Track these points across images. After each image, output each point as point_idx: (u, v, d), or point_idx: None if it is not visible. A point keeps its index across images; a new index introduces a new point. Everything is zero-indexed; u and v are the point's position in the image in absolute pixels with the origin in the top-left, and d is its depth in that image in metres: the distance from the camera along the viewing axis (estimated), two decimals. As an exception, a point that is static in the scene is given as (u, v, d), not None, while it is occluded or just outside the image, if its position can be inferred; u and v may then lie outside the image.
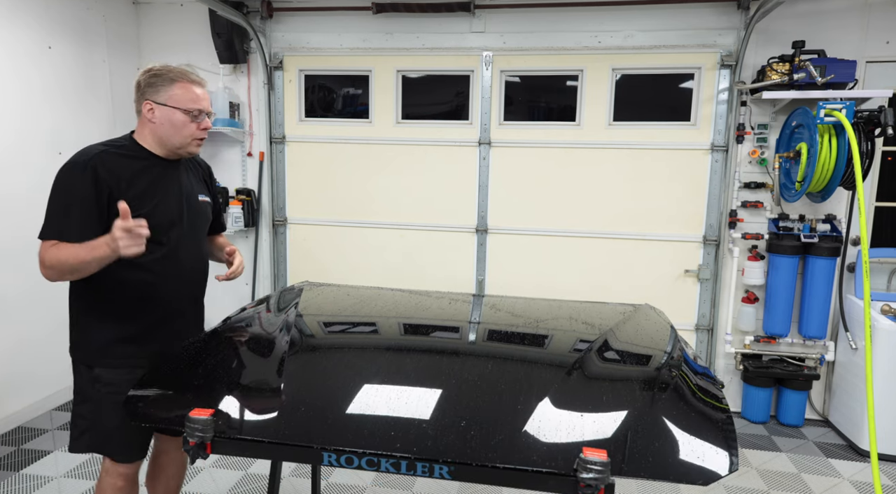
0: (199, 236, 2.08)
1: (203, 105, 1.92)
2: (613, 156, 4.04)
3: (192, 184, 2.05)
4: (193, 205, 2.02)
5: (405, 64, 4.21)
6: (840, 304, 3.83)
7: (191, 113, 1.89)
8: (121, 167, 1.82)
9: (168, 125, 1.88)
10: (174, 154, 1.95)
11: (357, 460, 1.33)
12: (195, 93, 1.90)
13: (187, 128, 1.90)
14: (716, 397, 1.56)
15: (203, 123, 1.93)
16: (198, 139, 1.94)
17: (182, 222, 1.96)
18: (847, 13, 3.69)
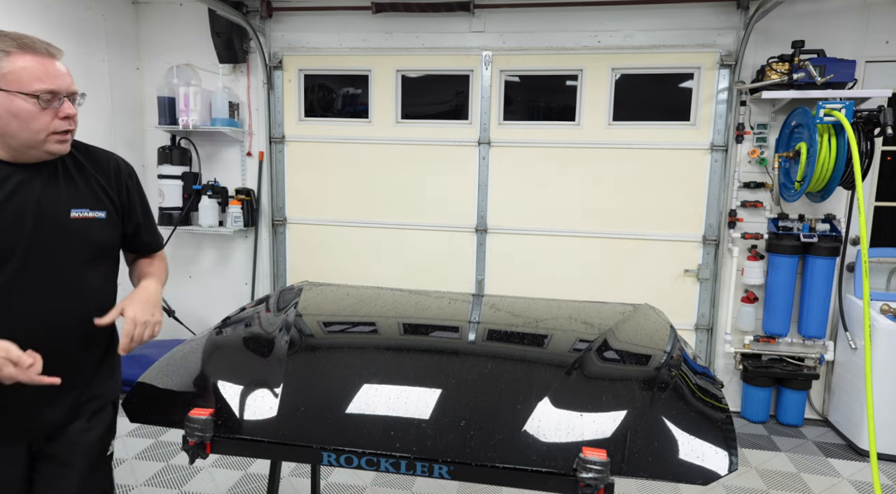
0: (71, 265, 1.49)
1: (57, 84, 1.40)
2: (613, 156, 4.04)
3: (60, 194, 1.48)
4: (56, 225, 1.45)
5: (405, 64, 4.21)
6: (839, 304, 3.83)
7: (39, 97, 1.37)
8: None
9: (7, 117, 1.35)
10: (27, 156, 1.42)
11: (357, 460, 1.33)
12: (43, 67, 1.39)
13: (38, 119, 1.38)
14: (715, 397, 1.56)
15: (64, 109, 1.41)
16: (58, 133, 1.41)
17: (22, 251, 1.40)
18: (847, 13, 3.69)
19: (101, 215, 1.54)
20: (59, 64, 1.46)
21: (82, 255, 1.52)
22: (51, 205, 1.45)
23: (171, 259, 4.53)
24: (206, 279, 4.60)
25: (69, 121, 1.44)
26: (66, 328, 1.51)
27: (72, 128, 1.45)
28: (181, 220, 4.29)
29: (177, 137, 4.36)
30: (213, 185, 4.31)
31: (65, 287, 1.49)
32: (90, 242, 1.53)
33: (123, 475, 3.05)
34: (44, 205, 1.44)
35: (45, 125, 1.39)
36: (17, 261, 1.40)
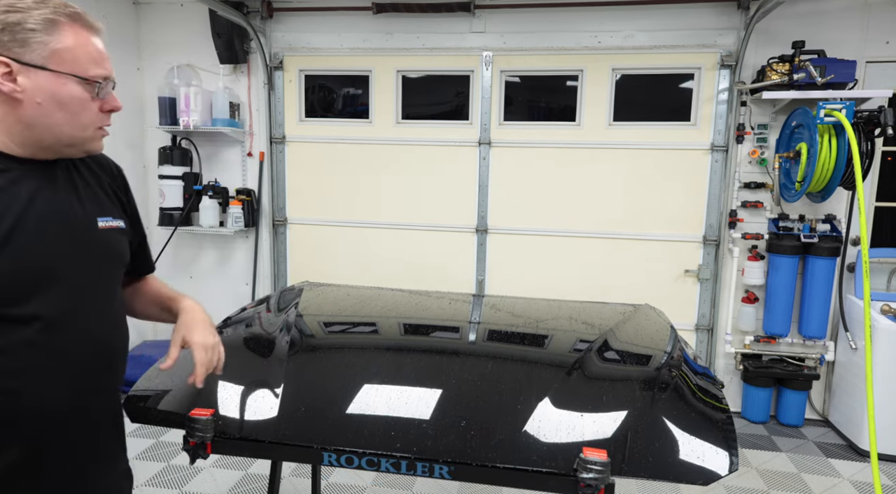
0: (105, 291, 1.22)
1: (110, 69, 1.14)
2: (613, 157, 4.04)
3: (82, 199, 1.20)
4: (88, 238, 1.18)
5: (405, 64, 4.21)
6: (840, 304, 3.83)
7: (93, 83, 1.10)
8: None
9: (51, 105, 1.06)
10: (52, 153, 1.14)
11: (357, 460, 1.34)
12: (98, 47, 1.11)
13: (88, 111, 1.12)
14: (716, 397, 1.56)
15: (111, 100, 1.17)
16: (101, 128, 1.19)
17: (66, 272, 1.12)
18: (847, 13, 3.69)
19: (122, 224, 1.28)
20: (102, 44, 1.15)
21: (113, 274, 1.25)
22: (78, 213, 1.17)
23: (171, 259, 4.55)
24: (206, 279, 4.60)
25: (109, 116, 1.19)
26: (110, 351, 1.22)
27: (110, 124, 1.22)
28: (182, 221, 4.30)
29: (177, 137, 4.37)
30: (213, 186, 4.32)
31: (106, 310, 1.22)
32: (117, 257, 1.27)
33: (124, 475, 3.05)
34: (71, 212, 1.16)
35: (94, 118, 1.14)
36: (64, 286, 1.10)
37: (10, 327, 1.04)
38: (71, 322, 1.11)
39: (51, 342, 1.08)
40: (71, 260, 1.13)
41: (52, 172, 1.15)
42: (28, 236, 1.06)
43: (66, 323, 1.10)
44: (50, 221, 1.11)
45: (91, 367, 1.16)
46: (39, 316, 1.06)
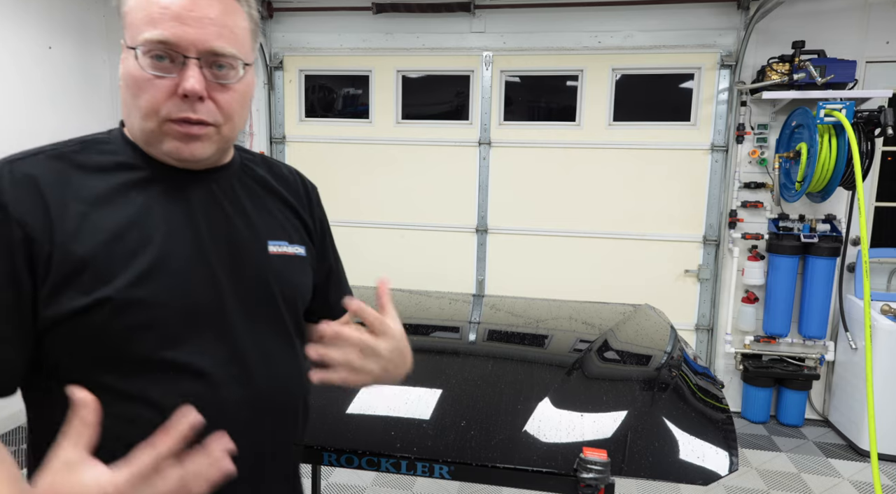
0: (275, 336, 0.94)
1: (181, 32, 0.77)
2: (613, 157, 4.04)
3: (250, 218, 0.93)
4: (254, 266, 0.92)
5: (405, 64, 4.21)
6: (840, 304, 3.83)
7: (148, 52, 0.77)
8: (66, 187, 0.79)
9: (123, 88, 0.82)
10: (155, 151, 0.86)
11: (357, 460, 1.34)
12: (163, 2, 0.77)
13: (145, 92, 0.79)
14: (716, 397, 1.56)
15: (184, 78, 0.78)
16: (174, 121, 0.80)
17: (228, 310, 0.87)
18: (847, 13, 3.68)
19: (301, 251, 1.00)
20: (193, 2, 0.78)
21: (286, 312, 0.96)
22: (244, 234, 0.91)
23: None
24: (206, 279, 4.59)
25: (193, 104, 0.79)
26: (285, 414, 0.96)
27: (203, 119, 0.80)
28: (182, 221, 4.29)
29: (177, 138, 4.36)
30: (213, 186, 4.31)
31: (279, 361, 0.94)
32: (292, 291, 0.97)
33: (124, 475, 3.05)
34: (235, 232, 0.90)
35: (155, 105, 0.79)
36: (219, 328, 0.85)
37: (163, 376, 0.80)
38: (231, 371, 0.86)
39: (207, 395, 0.83)
40: (231, 294, 0.87)
41: (208, 183, 0.89)
42: (180, 262, 0.83)
43: (226, 373, 0.85)
44: (207, 243, 0.86)
45: (257, 426, 0.89)
46: (192, 363, 0.82)
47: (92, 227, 0.78)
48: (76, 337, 0.77)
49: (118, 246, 0.78)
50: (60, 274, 0.75)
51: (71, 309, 0.75)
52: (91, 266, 0.76)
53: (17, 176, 0.77)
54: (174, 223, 0.84)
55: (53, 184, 0.78)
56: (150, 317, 0.79)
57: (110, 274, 0.77)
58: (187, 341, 0.82)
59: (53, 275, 0.75)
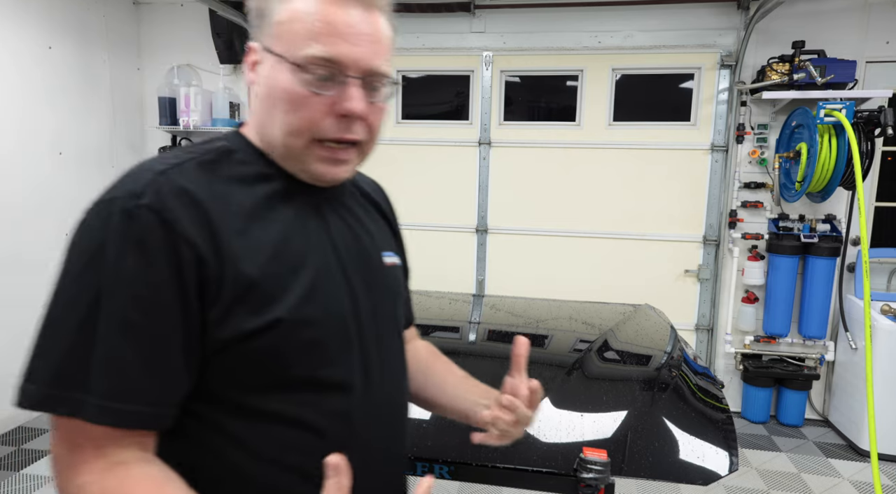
0: (396, 350, 0.95)
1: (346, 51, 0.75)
2: (613, 157, 4.04)
3: (369, 229, 0.94)
4: (377, 279, 0.91)
5: (405, 64, 4.21)
6: (840, 304, 3.83)
7: (306, 69, 0.74)
8: (222, 200, 0.75)
9: (266, 99, 0.78)
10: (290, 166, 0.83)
11: (357, 460, 1.33)
12: (330, 15, 0.74)
13: (302, 109, 0.76)
14: (716, 397, 1.56)
15: (345, 98, 0.76)
16: (328, 141, 0.78)
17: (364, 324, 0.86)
18: (847, 13, 3.68)
19: (399, 262, 1.01)
20: (368, 16, 0.76)
21: (399, 324, 0.97)
22: (369, 247, 0.91)
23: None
24: (206, 279, 4.59)
25: (350, 124, 0.78)
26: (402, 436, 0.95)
27: (356, 139, 0.79)
28: (182, 221, 4.29)
29: (178, 138, 4.37)
30: (213, 186, 4.31)
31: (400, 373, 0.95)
32: (401, 302, 1.00)
33: (124, 475, 3.05)
34: (362, 246, 0.90)
35: (308, 123, 0.76)
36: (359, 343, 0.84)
37: (315, 396, 0.78)
38: (371, 386, 0.85)
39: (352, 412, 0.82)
40: (364, 308, 0.86)
41: (330, 191, 0.87)
42: (331, 277, 0.82)
43: (366, 389, 0.84)
44: (344, 257, 0.85)
45: (379, 438, 0.87)
46: (342, 381, 0.81)
47: (253, 244, 0.74)
48: (240, 360, 0.73)
49: (280, 263, 0.75)
50: (230, 295, 0.71)
51: (242, 331, 0.71)
52: (259, 285, 0.73)
53: (175, 190, 0.71)
54: (315, 237, 0.82)
55: (209, 198, 0.73)
56: (314, 336, 0.77)
57: (278, 293, 0.74)
58: (338, 359, 0.80)
59: (224, 297, 0.71)
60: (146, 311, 0.67)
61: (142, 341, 0.67)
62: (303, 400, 0.77)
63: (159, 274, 0.67)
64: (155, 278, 0.67)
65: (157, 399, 0.69)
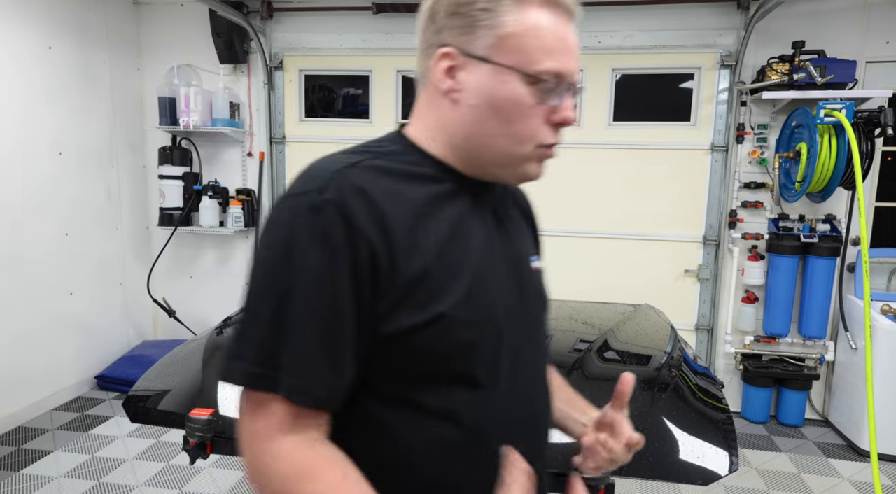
0: (542, 355, 0.97)
1: (571, 64, 0.81)
2: (613, 157, 4.04)
3: (519, 231, 0.98)
4: (529, 284, 0.94)
5: (405, 64, 4.21)
6: (840, 304, 3.83)
7: (542, 82, 0.79)
8: (394, 198, 0.77)
9: (484, 109, 0.80)
10: (486, 173, 0.87)
11: (357, 460, 1.33)
12: (561, 32, 0.80)
13: (528, 119, 0.81)
14: (716, 397, 1.56)
15: (563, 109, 0.82)
16: (545, 147, 0.85)
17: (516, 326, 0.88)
18: (847, 13, 3.68)
19: (542, 266, 1.01)
20: (574, 29, 0.82)
21: (545, 329, 1.00)
22: (520, 250, 0.94)
23: (171, 259, 4.55)
24: (206, 279, 4.60)
25: (560, 131, 0.85)
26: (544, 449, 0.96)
27: (559, 142, 0.86)
28: (182, 221, 4.30)
29: (177, 138, 4.37)
30: (213, 186, 4.32)
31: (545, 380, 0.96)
32: (546, 308, 1.01)
33: (123, 475, 3.05)
34: (514, 249, 0.92)
35: (534, 130, 0.81)
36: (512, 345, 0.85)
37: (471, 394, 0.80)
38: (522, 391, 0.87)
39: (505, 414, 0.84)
40: (517, 310, 0.88)
41: (492, 193, 0.91)
42: (490, 277, 0.84)
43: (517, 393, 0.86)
44: (500, 260, 0.87)
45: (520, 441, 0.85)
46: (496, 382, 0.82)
47: (421, 242, 0.76)
48: (400, 354, 0.76)
49: (445, 261, 0.78)
50: (399, 290, 0.74)
51: (406, 326, 0.75)
52: (426, 281, 0.75)
53: (353, 188, 0.74)
54: (477, 238, 0.84)
55: (382, 197, 0.75)
56: (473, 334, 0.79)
57: (443, 290, 0.77)
58: (490, 359, 0.82)
59: (394, 292, 0.74)
60: (329, 302, 0.72)
61: (324, 330, 0.72)
62: (452, 396, 0.79)
63: (340, 267, 0.71)
64: (337, 271, 0.71)
65: (334, 384, 0.74)
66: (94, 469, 3.10)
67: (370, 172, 0.78)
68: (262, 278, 0.75)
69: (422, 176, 0.82)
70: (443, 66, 0.80)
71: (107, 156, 4.13)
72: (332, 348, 0.73)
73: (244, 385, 0.76)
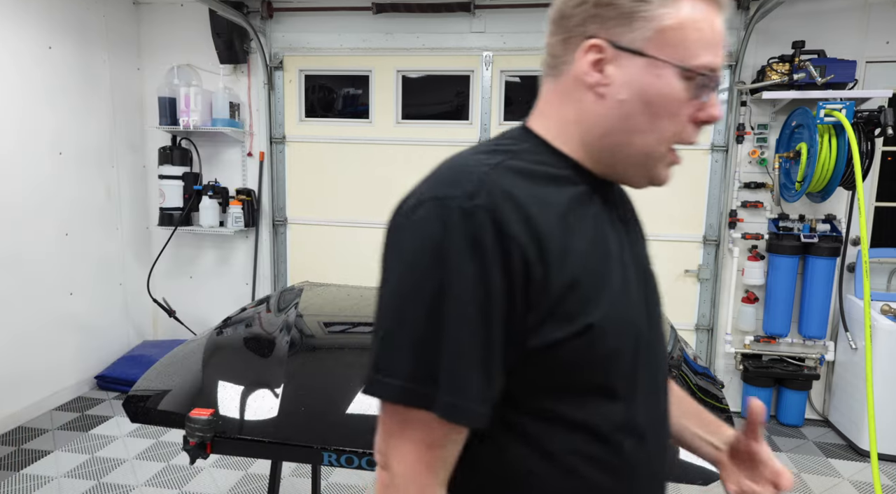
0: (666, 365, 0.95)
1: (721, 62, 0.77)
2: (613, 156, 4.04)
3: (638, 232, 0.97)
4: (654, 288, 0.96)
5: (405, 64, 4.21)
6: (840, 304, 3.83)
7: (696, 75, 0.74)
8: (539, 203, 0.73)
9: (634, 104, 0.76)
10: (615, 173, 0.83)
11: (357, 460, 1.33)
12: (714, 24, 0.76)
13: (676, 116, 0.77)
14: (716, 397, 1.56)
15: (711, 105, 0.78)
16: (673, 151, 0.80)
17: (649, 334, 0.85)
18: (847, 13, 3.68)
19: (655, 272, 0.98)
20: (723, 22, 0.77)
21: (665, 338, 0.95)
22: (643, 253, 0.94)
23: (171, 259, 4.55)
24: (206, 279, 4.60)
25: (699, 131, 0.80)
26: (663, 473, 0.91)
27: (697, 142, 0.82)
28: (182, 221, 4.30)
29: (177, 138, 4.37)
30: (213, 186, 4.32)
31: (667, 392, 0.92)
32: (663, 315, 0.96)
33: (123, 475, 3.05)
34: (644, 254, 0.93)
35: (678, 128, 0.77)
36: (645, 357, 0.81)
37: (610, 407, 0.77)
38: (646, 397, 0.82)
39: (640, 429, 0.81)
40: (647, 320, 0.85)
41: (616, 196, 0.87)
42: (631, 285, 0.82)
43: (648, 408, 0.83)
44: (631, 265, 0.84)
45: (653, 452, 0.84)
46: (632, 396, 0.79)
47: (569, 248, 0.72)
48: (543, 366, 0.72)
49: (591, 268, 0.74)
50: (550, 301, 0.70)
51: (554, 338, 0.71)
52: (576, 291, 0.71)
53: (502, 192, 0.70)
54: (615, 242, 0.80)
55: (530, 202, 0.71)
56: (617, 345, 0.76)
57: (591, 299, 0.73)
58: (632, 370, 0.78)
59: (544, 303, 0.70)
60: (483, 312, 0.67)
61: (478, 342, 0.68)
62: (590, 408, 0.76)
63: (494, 276, 0.67)
64: (490, 279, 0.67)
65: (487, 398, 0.69)
66: (94, 469, 3.10)
67: (512, 175, 0.73)
68: (409, 283, 0.69)
69: (560, 177, 0.77)
70: (590, 59, 0.76)
71: (107, 156, 4.13)
72: (487, 360, 0.68)
73: (397, 402, 0.70)
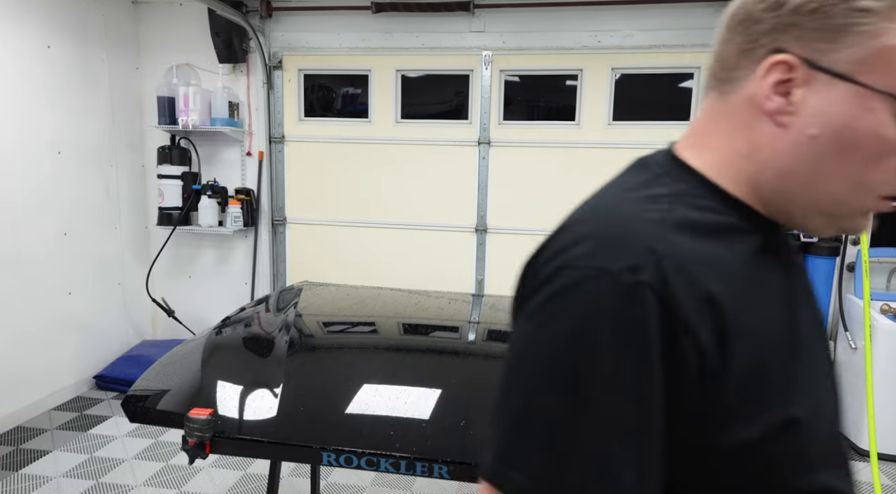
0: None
1: None
2: (613, 156, 4.04)
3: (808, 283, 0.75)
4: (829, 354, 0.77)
5: (404, 63, 4.20)
6: (839, 304, 3.83)
7: None
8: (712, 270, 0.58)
9: (830, 142, 0.59)
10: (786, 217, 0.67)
11: (356, 460, 1.33)
12: None
13: (885, 162, 0.60)
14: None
15: None
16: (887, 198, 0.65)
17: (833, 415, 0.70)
18: (847, 13, 3.68)
19: None
20: None
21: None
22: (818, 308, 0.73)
23: (170, 259, 4.55)
24: (205, 279, 4.60)
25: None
26: None
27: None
28: (181, 220, 4.29)
29: (176, 137, 4.36)
30: (212, 185, 4.31)
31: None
32: None
33: (123, 475, 3.05)
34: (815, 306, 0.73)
35: (886, 177, 0.62)
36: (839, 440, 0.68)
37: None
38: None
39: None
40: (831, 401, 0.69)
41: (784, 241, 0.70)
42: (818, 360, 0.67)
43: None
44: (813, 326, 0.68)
45: None
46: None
47: (755, 322, 0.59)
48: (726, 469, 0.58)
49: (783, 346, 0.61)
50: (733, 393, 0.57)
51: (743, 437, 0.57)
52: (766, 375, 0.58)
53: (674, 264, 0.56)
54: (800, 309, 0.66)
55: (703, 270, 0.57)
56: (816, 436, 0.61)
57: (787, 384, 0.59)
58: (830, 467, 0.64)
59: (726, 396, 0.56)
60: (638, 410, 0.54)
61: (630, 445, 0.54)
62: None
63: (656, 369, 0.54)
64: (652, 374, 0.54)
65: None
66: (92, 468, 3.10)
67: (678, 232, 0.59)
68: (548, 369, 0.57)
69: (729, 228, 0.63)
70: (773, 79, 0.60)
71: (106, 156, 4.13)
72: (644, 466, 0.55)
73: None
